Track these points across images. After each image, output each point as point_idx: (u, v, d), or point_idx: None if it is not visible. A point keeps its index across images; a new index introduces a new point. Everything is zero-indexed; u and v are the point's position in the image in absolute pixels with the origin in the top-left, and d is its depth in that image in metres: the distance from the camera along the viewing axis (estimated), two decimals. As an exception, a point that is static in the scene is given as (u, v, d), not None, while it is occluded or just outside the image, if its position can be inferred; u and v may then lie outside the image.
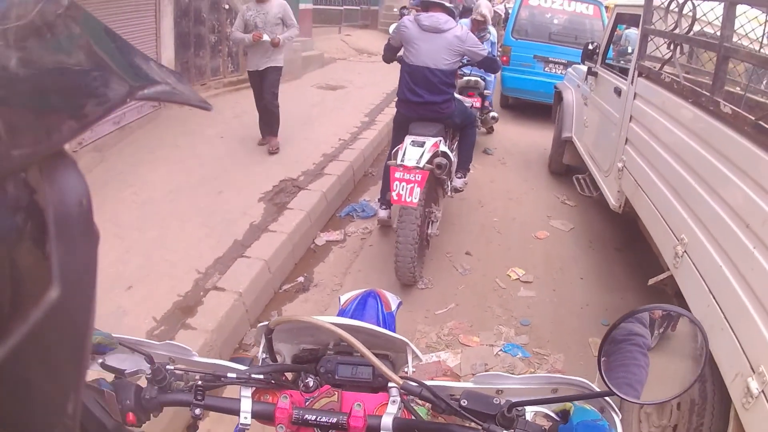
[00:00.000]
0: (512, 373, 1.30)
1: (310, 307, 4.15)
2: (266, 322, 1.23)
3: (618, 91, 4.81)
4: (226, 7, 8.51)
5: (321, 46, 12.07)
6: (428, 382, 1.17)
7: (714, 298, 2.50)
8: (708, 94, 2.98)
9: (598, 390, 1.13)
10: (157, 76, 0.50)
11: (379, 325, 1.62)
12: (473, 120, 5.20)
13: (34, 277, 0.34)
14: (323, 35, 13.48)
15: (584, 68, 6.19)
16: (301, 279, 4.44)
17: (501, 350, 3.83)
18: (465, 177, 5.23)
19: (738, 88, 3.73)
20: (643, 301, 4.08)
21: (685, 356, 1.07)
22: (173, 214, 4.68)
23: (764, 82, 3.97)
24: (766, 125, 2.39)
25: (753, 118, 2.48)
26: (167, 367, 1.16)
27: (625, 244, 5.39)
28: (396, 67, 5.01)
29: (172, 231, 4.41)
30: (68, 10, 0.41)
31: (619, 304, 4.40)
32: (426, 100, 4.52)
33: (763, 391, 1.93)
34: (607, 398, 1.18)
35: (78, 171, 0.40)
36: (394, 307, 2.03)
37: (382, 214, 5.04)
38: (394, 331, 1.67)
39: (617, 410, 1.20)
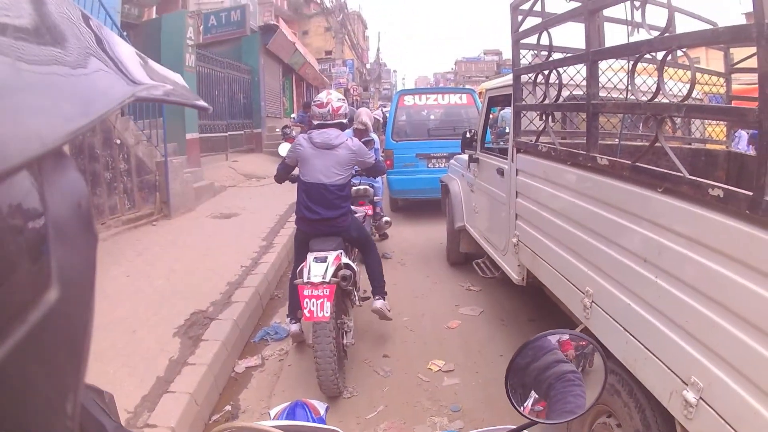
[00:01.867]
0: None
1: (243, 434, 3.97)
2: None
3: (501, 171, 5.04)
4: (118, 142, 8.48)
5: (210, 175, 12.11)
6: None
7: (630, 333, 2.60)
8: (584, 152, 3.18)
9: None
10: (157, 77, 0.52)
11: None
12: (369, 237, 5.24)
13: (33, 278, 0.33)
14: (211, 163, 13.57)
15: (466, 157, 6.46)
16: (228, 408, 4.28)
17: (438, 440, 3.78)
18: (384, 299, 5.17)
19: (616, 139, 3.99)
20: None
21: (592, 372, 1.21)
22: (92, 357, 4.40)
23: (641, 126, 4.26)
24: (642, 165, 2.57)
25: (629, 163, 2.67)
26: None
27: (537, 313, 5.54)
28: (286, 188, 5.06)
29: (94, 374, 4.10)
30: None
31: (543, 372, 4.44)
32: (322, 216, 4.58)
33: (701, 397, 1.99)
34: None
35: (76, 172, 0.40)
36: (322, 412, 2.02)
37: (294, 328, 4.97)
38: None
39: None
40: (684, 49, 2.54)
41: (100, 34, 0.48)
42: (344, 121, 4.73)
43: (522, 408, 1.19)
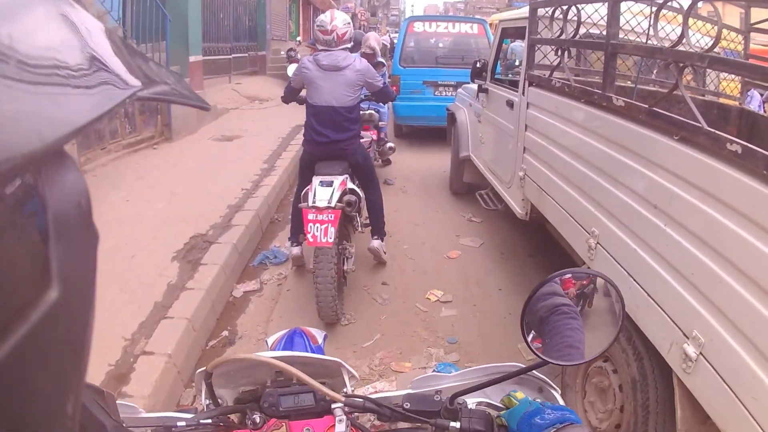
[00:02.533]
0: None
1: (240, 359, 4.02)
2: (204, 368, 1.22)
3: (510, 104, 4.95)
4: None
5: (213, 98, 11.90)
6: (370, 395, 1.20)
7: (634, 279, 2.59)
8: (600, 91, 3.11)
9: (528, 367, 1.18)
10: (156, 76, 0.52)
11: None
12: (373, 170, 5.12)
13: (33, 278, 0.33)
14: (215, 86, 13.33)
15: (474, 87, 6.35)
16: (225, 333, 4.30)
17: (434, 371, 3.80)
18: (382, 240, 5.17)
19: (629, 82, 3.91)
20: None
21: (605, 315, 1.14)
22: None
23: (654, 72, 4.17)
24: (659, 111, 2.50)
25: (646, 106, 2.60)
26: None
27: (537, 249, 5.54)
28: (289, 111, 4.95)
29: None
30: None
31: (541, 308, 4.47)
32: (332, 139, 4.49)
33: (701, 352, 1.99)
34: (542, 376, 1.28)
35: (77, 171, 0.39)
36: (320, 340, 2.03)
37: (295, 251, 4.97)
38: None
39: (554, 386, 1.29)
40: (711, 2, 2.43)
41: (102, 34, 0.47)
42: (349, 46, 4.58)
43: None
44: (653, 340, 2.37)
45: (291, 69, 4.89)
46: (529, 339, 1.17)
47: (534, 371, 1.25)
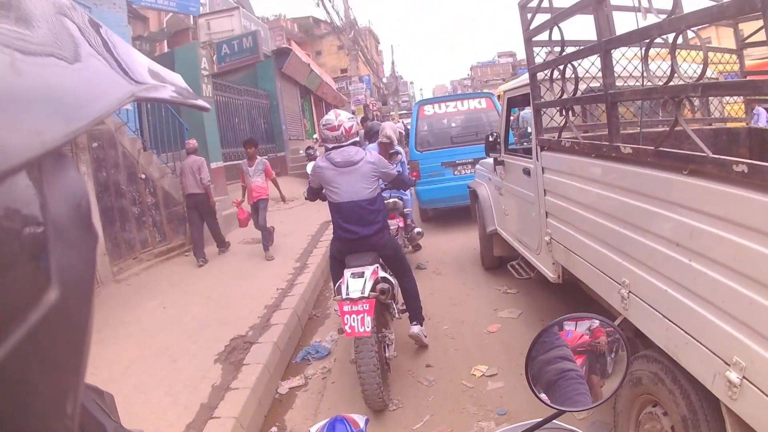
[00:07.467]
0: None
1: (289, 455, 4.02)
2: None
3: (527, 171, 5.02)
4: (143, 177, 8.63)
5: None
6: None
7: (669, 320, 2.57)
8: (607, 143, 3.16)
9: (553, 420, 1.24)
10: (157, 77, 0.52)
11: None
12: (404, 259, 5.14)
13: (33, 278, 0.33)
14: (238, 190, 13.56)
15: (491, 161, 6.46)
16: (274, 429, 4.32)
17: (486, 445, 3.75)
18: (421, 325, 5.17)
19: (638, 128, 3.96)
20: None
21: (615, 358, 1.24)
22: (135, 389, 4.54)
23: (660, 113, 4.21)
24: (665, 149, 2.55)
25: (652, 148, 2.65)
26: None
27: (575, 310, 5.40)
28: (315, 209, 5.05)
29: (137, 405, 4.24)
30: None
31: (586, 368, 4.40)
32: (360, 235, 4.58)
33: (744, 376, 1.97)
34: (571, 427, 1.37)
35: (77, 172, 0.40)
36: (362, 424, 2.02)
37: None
38: None
39: None
40: (694, 29, 2.51)
41: (102, 35, 0.48)
42: (357, 139, 4.73)
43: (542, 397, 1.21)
44: (696, 374, 2.34)
45: (310, 167, 5.03)
46: (539, 392, 1.20)
47: (560, 422, 1.28)
